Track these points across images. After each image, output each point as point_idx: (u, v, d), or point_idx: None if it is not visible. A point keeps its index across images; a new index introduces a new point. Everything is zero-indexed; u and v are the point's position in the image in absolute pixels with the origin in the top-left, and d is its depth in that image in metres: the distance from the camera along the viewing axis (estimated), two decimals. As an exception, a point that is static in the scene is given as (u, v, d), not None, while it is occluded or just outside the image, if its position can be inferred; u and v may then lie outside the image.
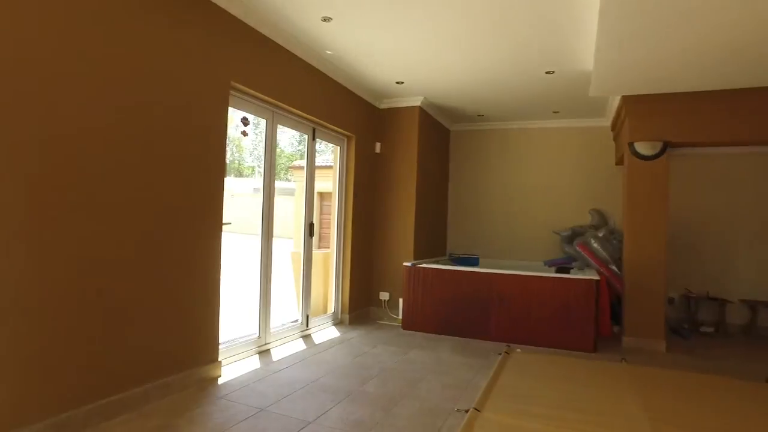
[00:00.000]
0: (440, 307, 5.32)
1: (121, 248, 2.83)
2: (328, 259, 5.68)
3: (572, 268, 5.92)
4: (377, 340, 5.01)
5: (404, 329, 5.48)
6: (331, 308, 5.60)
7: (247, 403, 3.13)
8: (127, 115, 2.85)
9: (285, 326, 4.77)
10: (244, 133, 3.90)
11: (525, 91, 5.41)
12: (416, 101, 5.90)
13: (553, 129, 6.81)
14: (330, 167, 6.31)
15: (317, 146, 5.19)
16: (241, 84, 3.74)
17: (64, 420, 2.51)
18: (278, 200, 4.43)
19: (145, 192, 2.97)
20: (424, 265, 5.39)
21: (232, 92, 3.72)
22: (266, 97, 4.06)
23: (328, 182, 6.08)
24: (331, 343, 4.77)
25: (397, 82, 5.34)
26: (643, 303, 4.92)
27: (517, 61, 4.54)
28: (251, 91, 3.89)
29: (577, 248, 5.85)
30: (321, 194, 13.60)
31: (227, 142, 3.60)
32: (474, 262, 6.71)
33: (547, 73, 4.77)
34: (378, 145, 6.10)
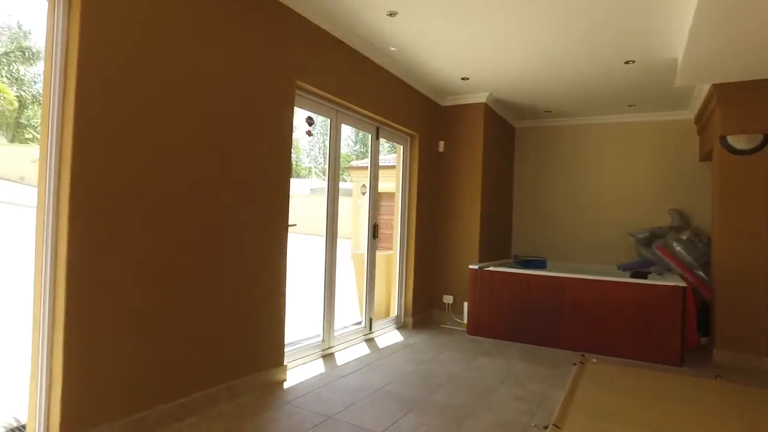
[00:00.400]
0: (508, 312, 5.07)
1: (192, 250, 2.84)
2: (391, 260, 5.57)
3: (650, 273, 5.48)
4: (442, 345, 4.83)
5: (469, 334, 5.28)
6: (394, 311, 5.48)
7: (313, 410, 3.06)
8: (197, 117, 2.84)
9: (348, 330, 4.70)
10: (309, 133, 3.85)
11: (599, 84, 5.05)
12: (481, 98, 5.67)
13: (627, 124, 6.35)
14: (389, 167, 6.20)
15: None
16: (306, 83, 3.69)
17: (137, 420, 2.53)
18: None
19: (215, 195, 2.97)
20: (491, 268, 5.16)
21: (297, 91, 3.67)
22: (330, 96, 3.99)
23: (385, 182, 5.96)
24: (395, 348, 4.65)
25: (462, 78, 5.14)
26: (739, 312, 4.45)
27: (592, 52, 4.22)
28: (316, 90, 3.83)
29: (657, 251, 5.41)
30: (379, 194, 13.60)
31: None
32: (541, 265, 6.38)
33: (626, 63, 4.42)
34: (441, 144, 5.92)
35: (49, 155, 2.26)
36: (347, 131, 4.41)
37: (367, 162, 5.15)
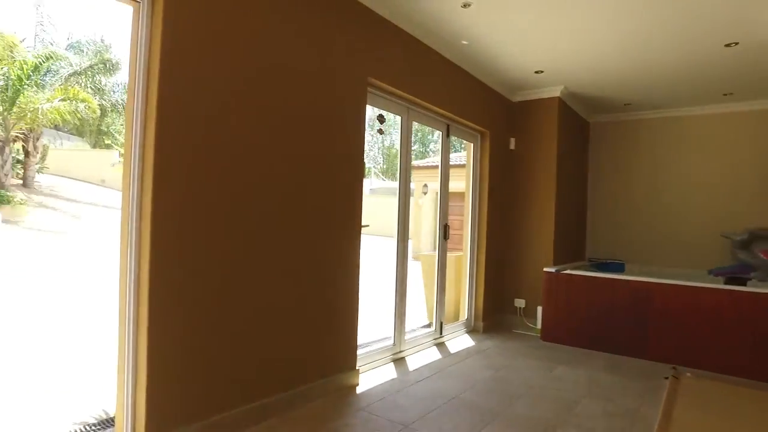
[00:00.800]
0: (587, 319, 4.75)
1: (270, 252, 2.81)
2: (460, 262, 5.39)
3: (749, 279, 4.96)
4: (516, 351, 4.60)
5: (543, 340, 5.00)
6: (464, 315, 5.29)
7: (389, 418, 2.95)
8: (273, 119, 2.82)
9: (418, 333, 4.58)
10: (381, 131, 3.76)
11: (693, 71, 4.62)
12: (555, 92, 5.36)
13: (722, 114, 5.79)
14: (457, 166, 6.01)
15: (433, 146, 4.92)
16: (379, 80, 3.60)
17: (214, 422, 2.52)
18: (393, 201, 4.22)
19: (290, 195, 2.93)
20: (568, 272, 4.86)
21: (369, 89, 3.58)
22: (402, 93, 3.88)
23: (453, 181, 5.77)
24: (467, 353, 4.47)
25: (536, 72, 4.87)
26: None
27: (687, 36, 3.85)
28: (388, 87, 3.73)
29: (760, 255, 4.89)
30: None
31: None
32: (619, 268, 5.96)
33: (727, 46, 3.99)
34: (512, 141, 5.66)
35: (133, 158, 2.29)
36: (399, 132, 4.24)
37: (428, 161, 5.03)
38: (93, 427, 2.69)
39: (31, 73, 12.65)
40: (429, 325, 5.38)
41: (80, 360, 4.00)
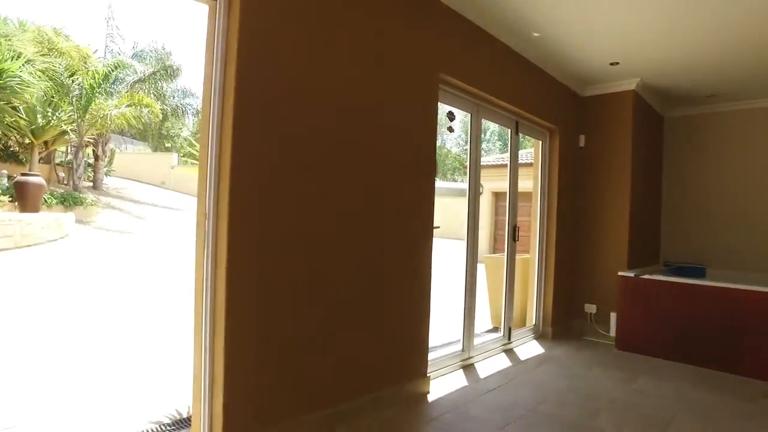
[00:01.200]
0: (668, 328, 4.41)
1: (342, 254, 2.74)
2: (527, 265, 5.16)
3: None
4: (590, 360, 4.34)
5: (618, 349, 4.69)
6: (532, 320, 5.06)
7: (464, 429, 2.81)
8: (347, 117, 2.74)
9: (487, 339, 4.40)
10: (450, 129, 3.62)
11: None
12: (630, 84, 5.03)
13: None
14: (524, 165, 5.77)
15: (485, 145, 4.71)
16: (450, 75, 3.46)
17: (285, 427, 2.46)
18: (451, 201, 4.08)
19: (363, 196, 2.85)
20: (647, 276, 4.53)
21: (440, 86, 3.45)
22: (472, 89, 3.72)
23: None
24: (538, 361, 4.26)
25: (611, 63, 4.58)
26: None
27: (792, 18, 3.48)
28: (459, 83, 3.59)
29: None
30: (496, 194, 13.08)
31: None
32: (699, 273, 5.54)
33: (838, 27, 3.59)
34: (582, 138, 5.37)
35: (209, 159, 2.26)
36: (457, 130, 4.05)
37: (485, 160, 4.80)
38: (167, 427, 2.71)
39: (101, 82, 13.34)
40: (494, 330, 5.20)
41: (150, 359, 4.09)
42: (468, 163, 3.98)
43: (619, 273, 4.75)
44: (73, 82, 13.01)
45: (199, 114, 21.75)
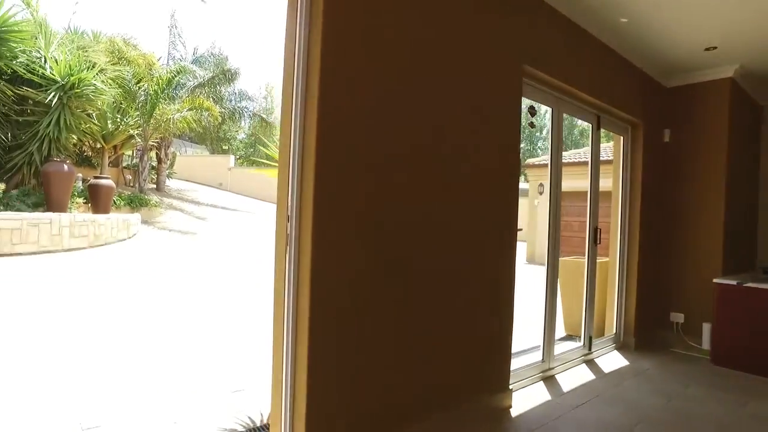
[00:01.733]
0: (776, 342, 3.95)
1: (418, 257, 2.56)
2: (604, 269, 4.80)
3: None
4: (684, 376, 3.94)
5: (715, 364, 4.26)
6: (612, 329, 4.70)
7: (559, 451, 2.57)
8: (429, 116, 2.56)
9: (566, 349, 4.10)
10: (531, 125, 3.37)
11: None
12: (727, 71, 4.56)
13: None
14: (579, 164, 5.41)
15: (546, 144, 4.38)
16: (534, 67, 3.22)
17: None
18: None
19: (446, 200, 2.66)
20: (751, 285, 4.08)
21: (523, 79, 3.22)
22: (556, 81, 3.46)
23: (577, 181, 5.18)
24: (623, 375, 3.92)
25: (707, 49, 4.16)
26: None
27: None
28: (542, 75, 3.34)
29: None
30: (568, 194, 12.52)
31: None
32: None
33: None
34: (667, 133, 4.95)
35: (292, 160, 2.15)
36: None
37: (545, 159, 4.49)
38: (242, 435, 2.63)
39: (164, 87, 13.87)
40: (567, 338, 4.88)
41: (215, 361, 4.08)
42: (549, 164, 3.70)
43: (715, 280, 4.31)
44: (139, 88, 13.60)
45: (255, 116, 22.37)
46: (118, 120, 12.93)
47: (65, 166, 9.33)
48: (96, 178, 10.72)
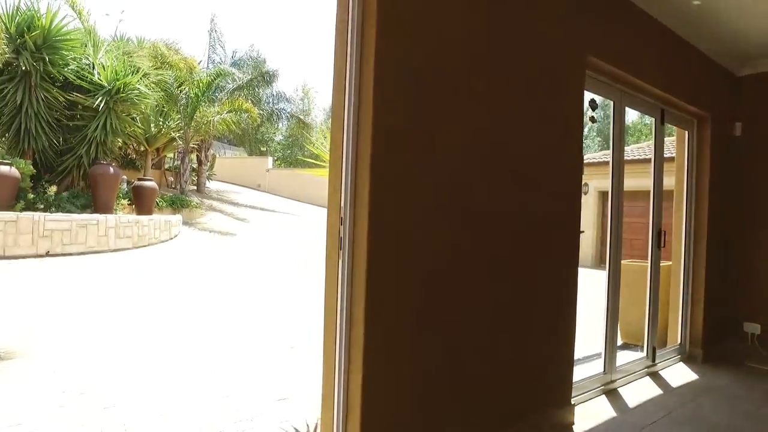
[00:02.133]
0: None
1: (475, 260, 2.37)
2: (666, 274, 4.46)
3: None
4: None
5: (800, 381, 3.87)
6: (676, 339, 4.36)
7: (634, 477, 2.32)
8: (487, 112, 2.38)
9: (626, 359, 3.81)
10: (593, 120, 3.13)
11: None
12: (808, 57, 4.17)
13: None
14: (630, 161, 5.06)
15: (587, 142, 4.07)
16: (598, 58, 2.98)
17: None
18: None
19: (507, 202, 2.47)
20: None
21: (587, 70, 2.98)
22: (619, 72, 3.20)
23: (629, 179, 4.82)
24: (693, 391, 3.60)
25: (787, 33, 3.80)
26: None
27: None
28: (605, 66, 3.09)
29: None
30: (604, 194, 12.00)
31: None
32: None
33: None
34: (738, 126, 4.56)
35: (346, 160, 1.99)
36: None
37: (590, 157, 4.20)
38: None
39: (205, 90, 14.11)
40: (625, 347, 4.57)
41: (259, 366, 3.99)
42: (611, 161, 3.43)
43: (796, 287, 3.93)
44: (180, 92, 13.88)
45: (292, 118, 22.54)
46: (161, 123, 13.23)
47: (111, 169, 9.57)
48: (140, 180, 10.97)
